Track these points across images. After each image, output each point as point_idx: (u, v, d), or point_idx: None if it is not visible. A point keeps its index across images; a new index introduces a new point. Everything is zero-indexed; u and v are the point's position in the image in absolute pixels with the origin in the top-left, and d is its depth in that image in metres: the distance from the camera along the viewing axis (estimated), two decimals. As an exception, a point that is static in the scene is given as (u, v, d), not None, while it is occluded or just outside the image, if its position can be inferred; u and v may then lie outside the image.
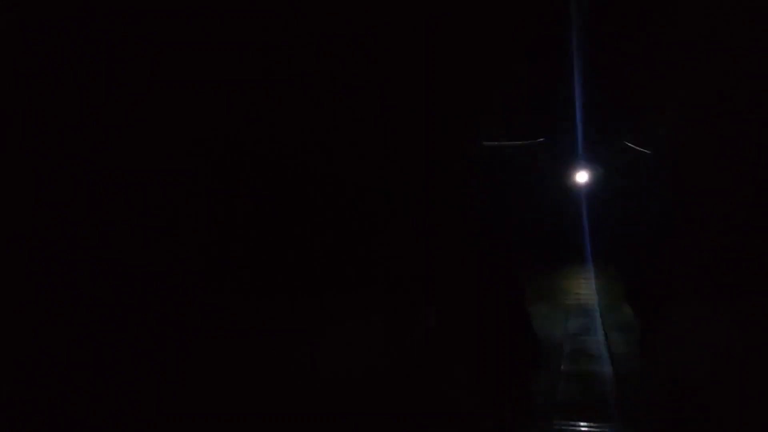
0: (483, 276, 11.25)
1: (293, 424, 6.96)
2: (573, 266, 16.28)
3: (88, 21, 14.39)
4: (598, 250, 15.92)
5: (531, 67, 16.24)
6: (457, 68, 16.11)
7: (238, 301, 15.27)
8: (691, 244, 14.24)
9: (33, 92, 14.32)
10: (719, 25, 14.94)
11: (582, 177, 17.47)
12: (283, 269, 15.93)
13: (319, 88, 14.40)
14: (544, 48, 16.17)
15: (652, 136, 16.33)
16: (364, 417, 7.09)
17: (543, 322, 12.12)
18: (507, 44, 16.26)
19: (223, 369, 9.30)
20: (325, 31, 14.90)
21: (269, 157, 16.02)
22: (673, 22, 15.37)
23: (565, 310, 14.19)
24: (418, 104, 15.27)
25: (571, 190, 17.55)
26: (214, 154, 17.11)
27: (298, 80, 15.46)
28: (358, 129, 14.35)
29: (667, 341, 9.29)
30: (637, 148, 16.65)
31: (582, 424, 6.59)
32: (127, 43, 14.92)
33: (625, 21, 15.72)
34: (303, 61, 15.14)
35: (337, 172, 15.72)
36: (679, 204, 14.86)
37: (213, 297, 15.50)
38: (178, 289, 15.51)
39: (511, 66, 16.37)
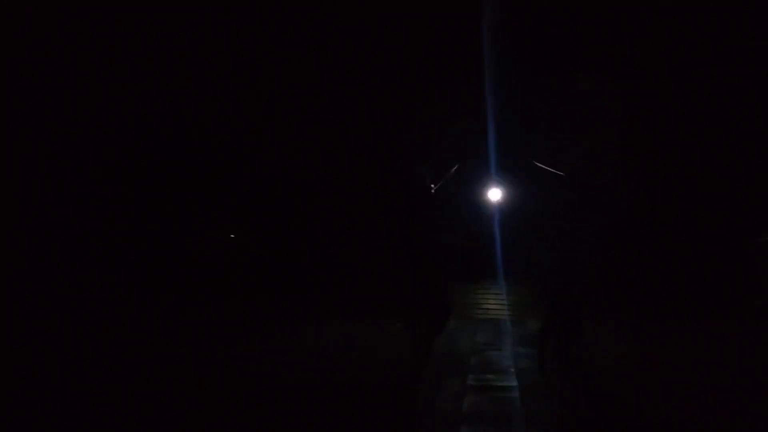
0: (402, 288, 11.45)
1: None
2: (484, 282, 16.35)
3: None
4: (509, 266, 16.08)
5: (445, 91, 16.59)
6: (375, 91, 16.48)
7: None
8: (598, 261, 14.71)
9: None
10: (628, 52, 15.78)
11: (494, 195, 17.67)
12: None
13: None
14: (458, 73, 16.55)
15: (564, 157, 16.86)
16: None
17: (453, 335, 11.98)
18: (422, 70, 16.70)
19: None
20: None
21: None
22: (584, 49, 16.09)
23: (474, 323, 14.16)
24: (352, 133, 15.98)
25: (483, 209, 17.72)
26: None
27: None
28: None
29: (573, 354, 9.33)
30: (548, 168, 17.12)
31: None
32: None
33: (537, 49, 16.33)
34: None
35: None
36: (587, 222, 15.35)
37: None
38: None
39: (426, 90, 16.76)
